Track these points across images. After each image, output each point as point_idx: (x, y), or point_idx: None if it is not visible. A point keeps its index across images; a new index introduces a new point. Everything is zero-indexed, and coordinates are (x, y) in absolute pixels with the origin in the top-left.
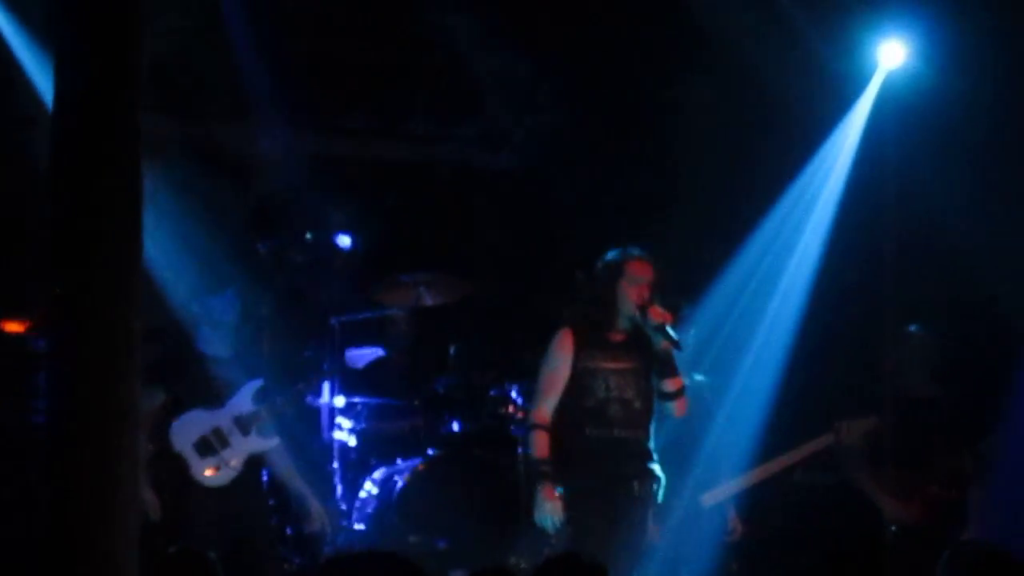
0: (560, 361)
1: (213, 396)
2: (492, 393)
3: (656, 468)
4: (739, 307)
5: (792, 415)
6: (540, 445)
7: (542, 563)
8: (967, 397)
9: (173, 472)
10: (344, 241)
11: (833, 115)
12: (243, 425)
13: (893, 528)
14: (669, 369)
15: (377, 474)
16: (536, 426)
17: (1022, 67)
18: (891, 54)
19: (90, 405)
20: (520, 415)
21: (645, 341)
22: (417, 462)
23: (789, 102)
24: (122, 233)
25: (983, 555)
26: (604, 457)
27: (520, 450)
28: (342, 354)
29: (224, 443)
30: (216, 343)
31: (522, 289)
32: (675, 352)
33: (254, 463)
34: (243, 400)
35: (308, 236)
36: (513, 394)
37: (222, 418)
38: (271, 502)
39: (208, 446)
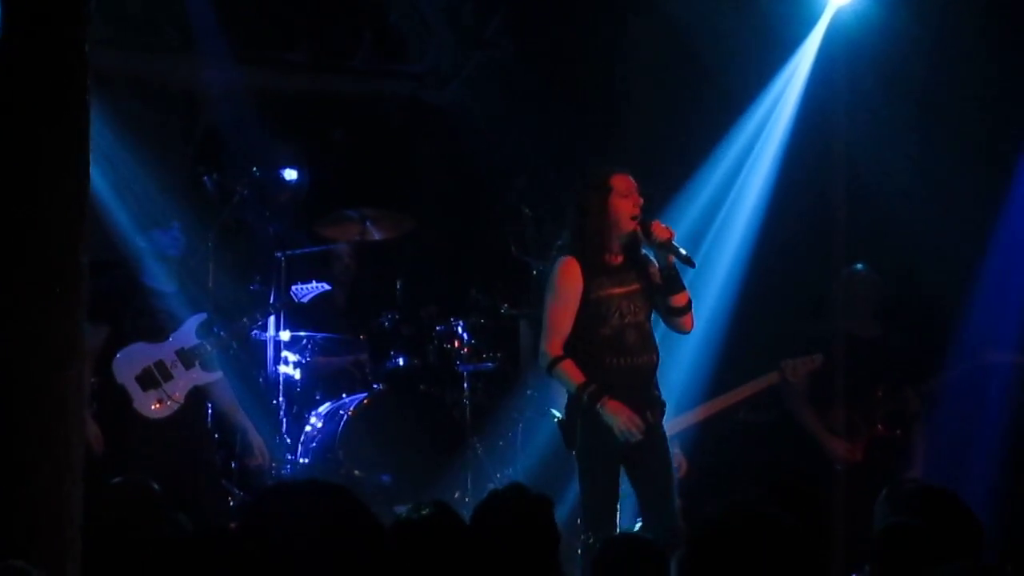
0: (569, 293)
1: (157, 329)
2: (438, 329)
3: (661, 395)
4: (686, 247)
5: (738, 354)
6: (572, 372)
7: (486, 497)
8: (911, 336)
9: (116, 405)
10: (290, 175)
11: (782, 53)
12: (186, 358)
13: (837, 467)
14: (676, 284)
15: (322, 408)
16: (556, 360)
17: (963, 4)
18: None
19: (37, 339)
20: (466, 351)
21: (641, 260)
22: (362, 397)
23: (738, 39)
24: (69, 167)
25: (920, 492)
26: (625, 387)
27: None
28: (288, 288)
29: (167, 376)
30: (161, 277)
31: (469, 224)
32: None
33: (197, 396)
34: (187, 334)
35: (254, 170)
36: (459, 330)
37: (165, 351)
38: (214, 435)
39: (151, 379)
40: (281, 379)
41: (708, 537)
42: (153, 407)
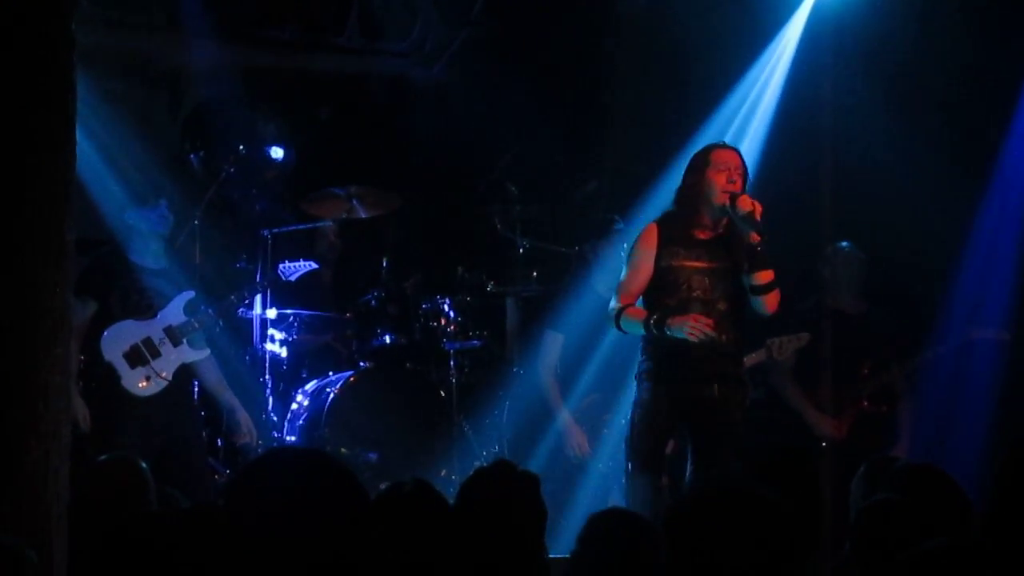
0: (642, 257)
1: (145, 307)
2: (424, 307)
3: (742, 374)
4: None
5: None
6: (637, 313)
7: (473, 474)
8: (897, 314)
9: (103, 382)
10: (277, 153)
11: (771, 28)
12: (174, 336)
13: (824, 443)
14: (759, 261)
15: (308, 386)
16: (623, 308)
17: None
18: None
19: (23, 316)
20: (452, 329)
21: (735, 240)
22: (348, 375)
23: (728, 15)
24: (55, 144)
25: (905, 469)
26: (683, 357)
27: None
28: (274, 266)
29: (155, 354)
30: (148, 254)
31: (455, 202)
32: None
33: (184, 374)
34: (175, 311)
35: (240, 148)
36: (445, 307)
37: (153, 329)
38: (201, 413)
39: (139, 356)
40: (267, 357)
41: (688, 512)
42: (141, 384)
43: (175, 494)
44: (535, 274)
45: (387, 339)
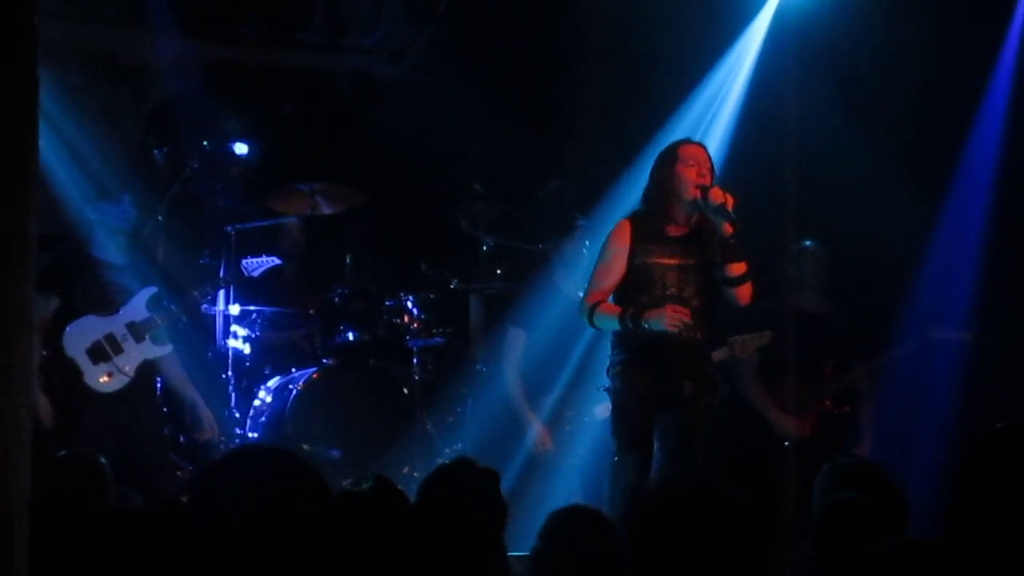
0: (614, 254)
1: (107, 302)
2: (388, 303)
3: (714, 372)
4: None
5: None
6: (609, 308)
7: (433, 470)
8: (859, 313)
9: (65, 378)
10: (241, 149)
11: (735, 27)
12: (137, 332)
13: (786, 443)
14: (732, 252)
15: (271, 383)
16: (595, 304)
17: None
18: None
19: None
20: (416, 326)
21: (707, 234)
22: (312, 371)
23: (692, 15)
24: (17, 139)
25: (851, 467)
26: (659, 355)
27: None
28: (238, 262)
29: (117, 349)
30: (111, 249)
31: (419, 199)
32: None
33: (147, 370)
34: (137, 307)
35: (204, 143)
36: (409, 304)
37: (116, 324)
38: (164, 410)
39: (101, 352)
40: (230, 353)
41: (651, 509)
42: (103, 380)
43: (130, 494)
44: (499, 271)
45: (350, 336)
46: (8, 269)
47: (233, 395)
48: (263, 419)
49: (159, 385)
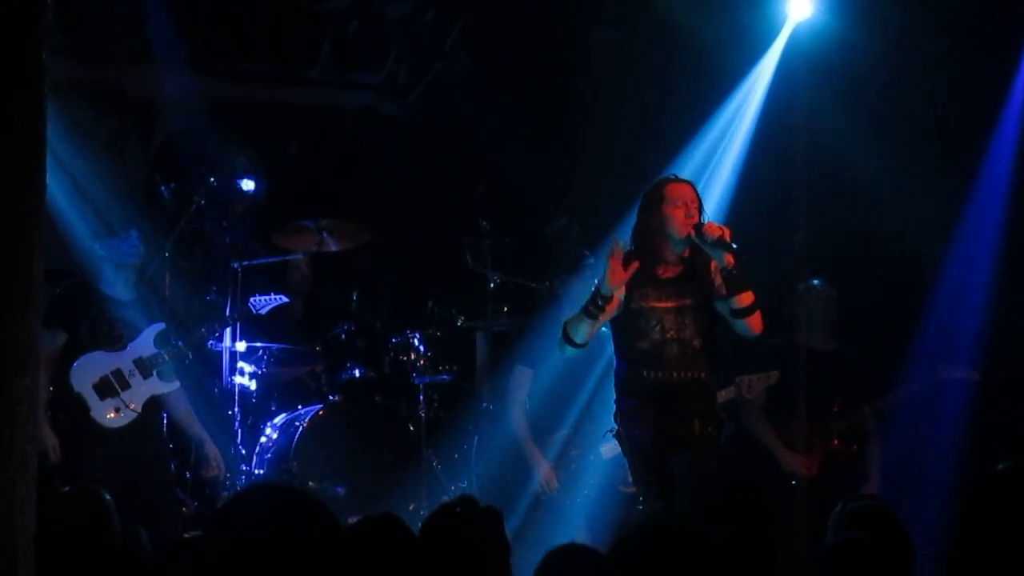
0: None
1: (115, 338)
2: (394, 340)
3: (718, 409)
4: None
5: None
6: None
7: (436, 509)
8: (867, 352)
9: (72, 413)
10: (248, 185)
11: (743, 66)
12: (144, 368)
13: (793, 481)
14: (737, 284)
15: (277, 419)
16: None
17: (917, 19)
18: (799, 6)
19: None
20: (422, 363)
21: (701, 274)
22: (317, 408)
23: (699, 53)
24: (25, 174)
25: (868, 509)
26: (660, 400)
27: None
28: (245, 300)
29: (124, 385)
30: (119, 285)
31: (426, 236)
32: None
33: (153, 406)
34: (145, 343)
35: (211, 179)
36: (415, 341)
37: (123, 360)
38: (170, 446)
39: (108, 388)
40: (236, 390)
41: (633, 547)
42: (110, 416)
43: (137, 529)
44: (505, 309)
45: (356, 372)
46: (13, 305)
47: (239, 432)
48: (269, 456)
49: (165, 421)
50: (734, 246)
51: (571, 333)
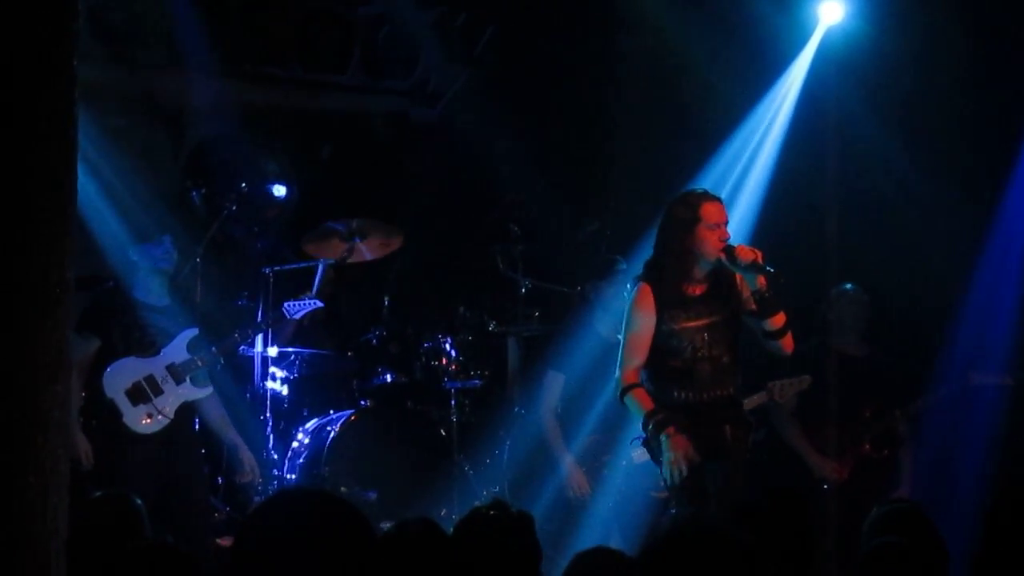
0: (643, 323)
1: (147, 344)
2: (426, 345)
3: (746, 415)
4: None
5: None
6: (643, 400)
7: (468, 514)
8: (899, 356)
9: (105, 419)
10: (279, 191)
11: (774, 69)
12: (176, 373)
13: (825, 486)
14: (771, 306)
15: (309, 424)
16: (629, 387)
17: (947, 23)
18: (831, 10)
19: (22, 353)
20: (453, 368)
21: (727, 288)
22: (349, 413)
23: (730, 57)
24: (56, 181)
25: (904, 513)
26: (691, 420)
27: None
28: (279, 305)
29: (157, 391)
30: (153, 291)
31: (457, 241)
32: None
33: (186, 412)
34: (178, 348)
35: (242, 185)
36: (447, 346)
37: (156, 366)
38: (202, 451)
39: (141, 393)
40: (268, 395)
41: (663, 551)
42: (143, 422)
43: (166, 536)
44: (537, 314)
45: (388, 377)
46: (45, 312)
47: (271, 437)
48: (300, 461)
49: (197, 426)
50: (769, 269)
51: (627, 404)
